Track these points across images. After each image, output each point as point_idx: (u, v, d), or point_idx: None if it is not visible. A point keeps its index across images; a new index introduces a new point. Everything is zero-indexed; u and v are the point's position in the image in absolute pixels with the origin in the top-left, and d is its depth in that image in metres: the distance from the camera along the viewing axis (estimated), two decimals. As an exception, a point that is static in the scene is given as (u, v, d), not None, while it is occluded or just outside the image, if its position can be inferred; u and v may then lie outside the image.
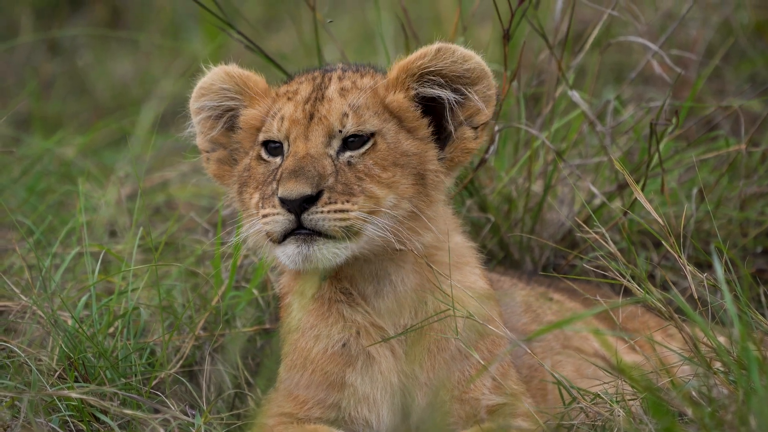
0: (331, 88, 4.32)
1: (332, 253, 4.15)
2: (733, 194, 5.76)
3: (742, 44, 7.76)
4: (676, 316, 4.32)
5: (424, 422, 4.27)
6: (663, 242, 4.57)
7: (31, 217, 5.96)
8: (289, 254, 4.16)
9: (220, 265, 5.12)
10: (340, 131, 4.24)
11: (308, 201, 4.12)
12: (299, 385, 4.33)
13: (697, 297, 4.40)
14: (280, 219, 4.15)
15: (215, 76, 4.47)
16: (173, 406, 4.60)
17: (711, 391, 4.01)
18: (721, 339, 4.24)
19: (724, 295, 3.96)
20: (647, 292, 4.35)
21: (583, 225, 4.98)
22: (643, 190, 5.09)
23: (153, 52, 10.04)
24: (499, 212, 5.62)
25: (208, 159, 4.54)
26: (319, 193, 4.13)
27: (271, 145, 4.33)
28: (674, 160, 5.83)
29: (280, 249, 4.18)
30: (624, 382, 4.34)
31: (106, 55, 10.13)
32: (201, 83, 4.48)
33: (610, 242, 4.50)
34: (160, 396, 4.70)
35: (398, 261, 4.31)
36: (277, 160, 4.29)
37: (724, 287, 3.99)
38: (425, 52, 4.31)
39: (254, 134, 4.39)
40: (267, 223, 4.18)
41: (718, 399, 3.95)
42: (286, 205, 4.13)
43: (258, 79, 4.45)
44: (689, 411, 3.92)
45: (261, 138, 4.35)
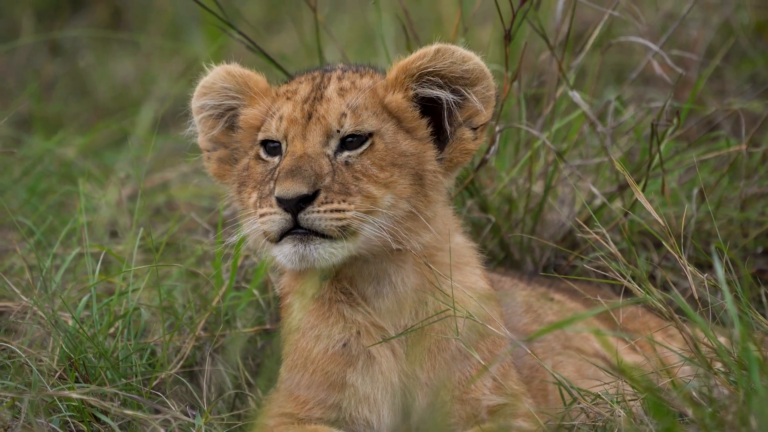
0: (330, 88, 4.32)
1: (329, 252, 4.15)
2: (733, 195, 5.76)
3: (742, 45, 7.76)
4: (677, 316, 4.31)
5: (424, 422, 4.27)
6: (663, 243, 4.57)
7: (32, 218, 5.96)
8: (286, 253, 4.16)
9: (221, 266, 5.12)
10: (338, 131, 4.24)
11: (305, 200, 4.12)
12: (300, 385, 4.33)
13: (697, 297, 4.40)
14: (277, 218, 4.15)
15: (217, 75, 4.47)
16: (174, 407, 4.60)
17: (711, 392, 4.00)
18: (722, 339, 4.24)
19: (724, 296, 3.96)
20: (648, 293, 4.35)
21: (584, 225, 4.98)
22: (644, 191, 5.09)
23: (154, 53, 10.04)
24: (499, 213, 5.62)
25: (209, 158, 4.54)
26: (316, 193, 4.13)
27: (270, 144, 4.33)
28: (675, 161, 5.83)
29: (277, 248, 4.18)
30: (625, 383, 4.34)
31: (107, 56, 10.13)
32: (203, 82, 4.49)
33: (611, 243, 4.50)
34: (160, 396, 4.70)
35: (398, 261, 4.31)
36: (276, 159, 4.29)
37: (725, 288, 3.99)
38: (424, 53, 4.31)
39: (254, 134, 4.39)
40: (264, 223, 4.18)
41: (719, 399, 3.95)
42: (283, 204, 4.13)
43: (259, 79, 4.45)
44: (690, 411, 3.92)
45: (260, 137, 4.35)
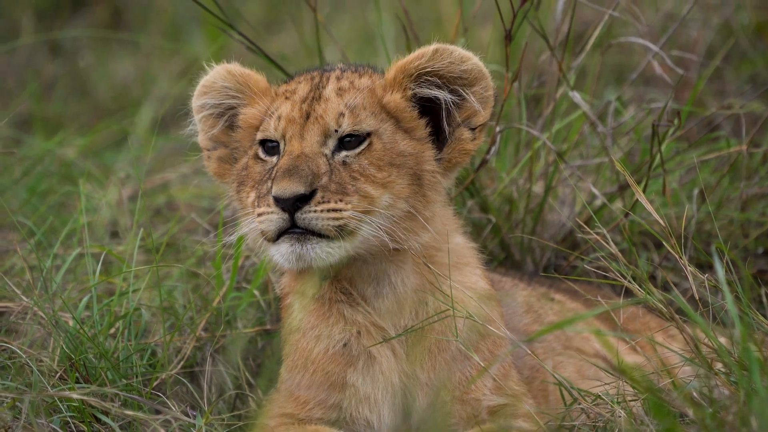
0: (329, 87, 4.32)
1: (325, 252, 4.15)
2: (734, 195, 5.76)
3: (742, 45, 7.76)
4: (677, 316, 4.31)
5: (425, 423, 4.27)
6: (664, 243, 4.57)
7: (32, 218, 5.96)
8: (283, 253, 4.16)
9: (221, 266, 5.12)
10: (336, 131, 4.24)
11: (302, 200, 4.12)
12: (300, 385, 4.32)
13: (698, 298, 4.40)
14: (274, 218, 4.16)
15: (217, 74, 4.47)
16: (174, 407, 4.60)
17: (712, 392, 4.00)
18: (723, 340, 4.24)
19: (725, 296, 3.96)
20: (648, 293, 4.35)
21: (584, 226, 4.98)
22: (645, 191, 5.09)
23: (154, 53, 10.04)
24: (500, 213, 5.62)
25: (209, 157, 4.54)
26: (313, 192, 4.13)
27: (269, 144, 4.33)
28: (675, 161, 5.82)
29: (275, 248, 4.19)
30: (625, 383, 4.34)
31: (107, 56, 10.13)
32: (203, 81, 4.49)
33: (611, 243, 4.50)
34: (161, 397, 4.70)
35: (397, 262, 4.31)
36: (274, 159, 4.29)
37: (725, 288, 3.99)
38: (422, 53, 4.30)
39: (253, 133, 4.39)
40: (262, 222, 4.18)
41: (720, 400, 3.95)
42: (280, 203, 4.13)
43: (259, 78, 4.45)
44: (690, 412, 3.91)
45: (258, 137, 4.35)
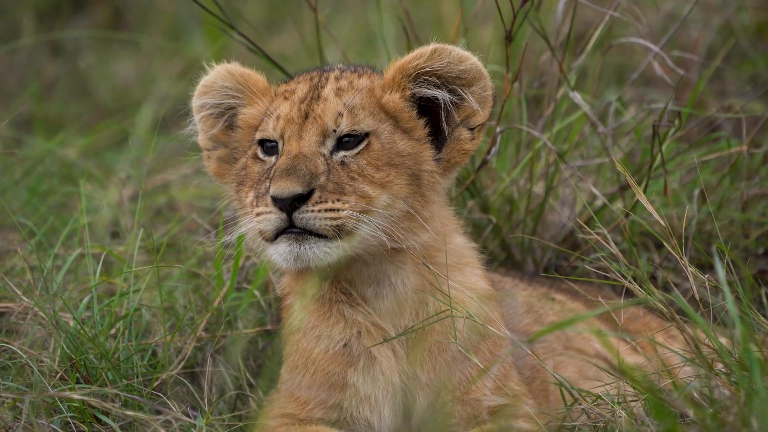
0: (328, 87, 4.32)
1: (323, 252, 4.15)
2: (734, 195, 5.76)
3: (743, 45, 7.76)
4: (678, 317, 4.31)
5: (425, 423, 4.27)
6: (665, 243, 4.57)
7: (33, 219, 5.96)
8: (281, 252, 4.17)
9: (222, 267, 5.12)
10: (335, 131, 4.24)
11: (300, 200, 4.12)
12: (301, 385, 4.32)
13: (698, 298, 4.40)
14: (272, 218, 4.16)
15: (217, 74, 4.47)
16: (175, 408, 4.60)
17: (713, 393, 4.00)
18: (723, 340, 4.23)
19: (725, 297, 3.96)
20: (649, 294, 4.35)
21: (585, 226, 4.98)
22: (645, 192, 5.09)
23: (154, 53, 10.04)
24: (500, 213, 5.62)
25: (209, 157, 4.54)
26: (311, 192, 4.14)
27: (267, 144, 4.33)
28: (676, 162, 5.82)
29: (273, 247, 4.19)
30: (626, 384, 4.34)
31: (108, 57, 10.13)
32: (203, 81, 4.49)
33: (612, 243, 4.50)
34: (161, 397, 4.70)
35: (397, 263, 4.31)
36: (272, 159, 4.29)
37: (726, 288, 3.98)
38: (421, 53, 4.30)
39: (252, 133, 4.39)
40: (260, 222, 4.18)
41: (720, 400, 3.94)
42: (278, 203, 4.13)
43: (258, 78, 4.46)
44: (691, 412, 3.91)
45: (257, 137, 4.35)
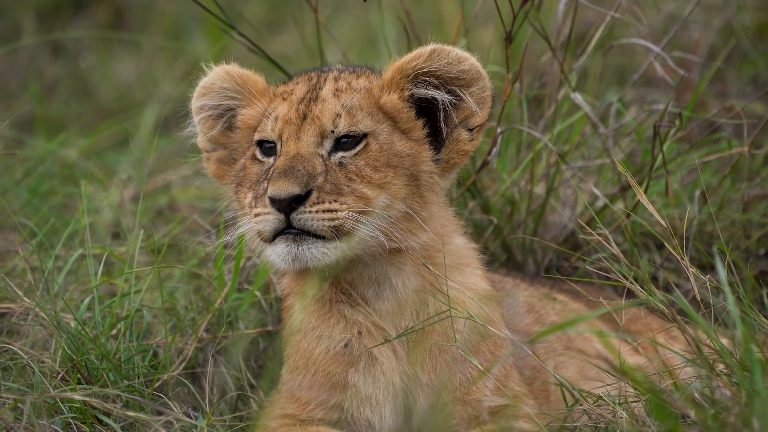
0: (326, 88, 4.32)
1: (321, 252, 4.15)
2: (735, 196, 5.76)
3: (744, 46, 7.76)
4: (679, 317, 4.31)
5: (426, 424, 4.27)
6: (666, 244, 4.57)
7: (34, 219, 5.96)
8: (279, 253, 4.17)
9: (223, 267, 5.12)
10: (333, 131, 4.24)
11: (297, 200, 4.13)
12: (302, 386, 4.32)
13: (699, 299, 4.40)
14: (270, 218, 4.16)
15: (216, 75, 4.47)
16: (176, 408, 4.60)
17: (714, 393, 4.00)
18: (724, 341, 4.23)
19: (726, 297, 3.96)
20: (650, 294, 4.35)
21: (586, 227, 4.98)
22: (646, 192, 5.09)
23: (155, 54, 10.05)
24: (501, 214, 5.62)
25: (208, 159, 4.54)
26: (309, 193, 4.14)
27: (266, 144, 4.33)
28: (677, 162, 5.82)
29: (271, 248, 4.19)
30: (627, 384, 4.34)
31: (109, 57, 10.13)
32: (202, 83, 4.49)
33: (613, 244, 4.50)
34: (162, 398, 4.70)
35: (398, 264, 4.31)
36: (271, 160, 4.30)
37: (727, 289, 3.98)
38: (419, 53, 4.30)
39: (251, 134, 4.39)
40: (258, 223, 4.19)
41: (721, 401, 3.94)
42: (276, 204, 4.14)
43: (257, 79, 4.46)
44: (692, 413, 3.91)
45: (256, 137, 4.35)
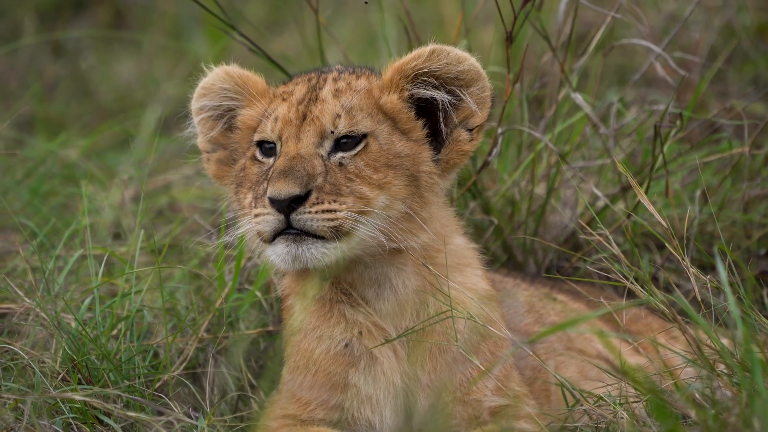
0: (326, 89, 4.32)
1: (321, 252, 4.15)
2: (736, 196, 5.76)
3: (744, 46, 7.76)
4: (680, 318, 4.31)
5: (426, 424, 4.27)
6: (666, 244, 4.57)
7: (35, 220, 5.96)
8: (279, 253, 4.17)
9: (224, 268, 5.12)
10: (332, 132, 4.24)
11: (297, 201, 4.13)
12: (302, 386, 4.32)
13: (700, 299, 4.39)
14: (270, 219, 4.16)
15: (216, 76, 4.47)
16: (176, 409, 4.60)
17: (714, 394, 4.00)
18: (725, 341, 4.23)
19: (727, 297, 3.96)
20: (651, 294, 4.35)
21: (587, 227, 4.98)
22: (647, 193, 5.09)
23: (156, 54, 10.05)
24: (502, 214, 5.62)
25: (209, 159, 4.55)
26: (308, 194, 4.14)
27: (266, 145, 4.33)
28: (677, 163, 5.82)
29: (271, 248, 4.19)
30: (627, 384, 4.34)
31: (110, 57, 10.13)
32: (202, 83, 4.49)
33: (614, 244, 4.50)
34: (163, 398, 4.70)
35: (398, 264, 4.31)
36: (270, 160, 4.30)
37: (728, 289, 3.98)
38: (419, 54, 4.31)
39: (251, 134, 4.39)
40: (258, 223, 4.19)
41: (722, 401, 3.94)
42: (275, 205, 4.14)
43: (257, 80, 4.46)
44: (693, 413, 3.91)
45: (256, 138, 4.35)
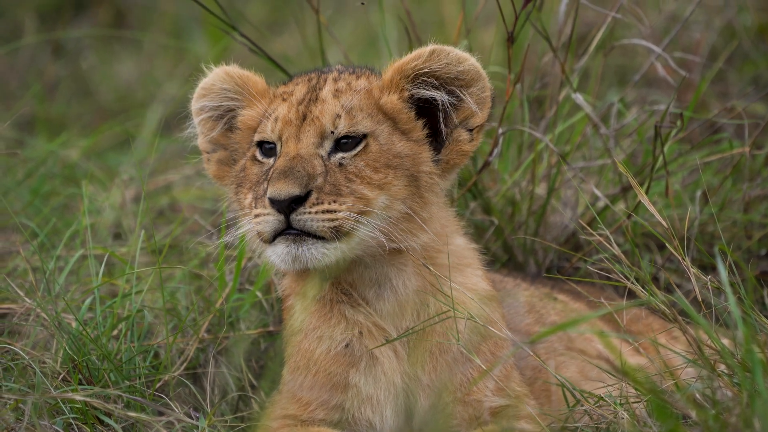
0: (326, 89, 4.32)
1: (321, 253, 4.15)
2: (737, 197, 5.75)
3: (745, 47, 7.76)
4: (680, 318, 4.31)
5: (427, 424, 4.27)
6: (667, 245, 4.57)
7: (35, 220, 5.96)
8: (279, 254, 4.17)
9: (224, 268, 5.12)
10: (333, 132, 4.24)
11: (297, 201, 4.13)
12: (303, 386, 4.32)
13: (701, 299, 4.40)
14: (270, 219, 4.16)
15: (216, 76, 4.47)
16: (177, 409, 4.60)
17: (715, 394, 4.00)
18: (725, 341, 4.23)
19: (728, 298, 3.96)
20: (651, 295, 4.35)
21: (587, 227, 4.98)
22: (647, 193, 5.09)
23: (156, 54, 10.05)
24: (502, 215, 5.62)
25: (209, 160, 4.55)
26: (308, 194, 4.14)
27: (266, 145, 4.33)
28: (678, 163, 5.82)
29: (271, 249, 4.19)
30: (628, 385, 4.34)
31: (110, 57, 10.13)
32: (202, 84, 4.49)
33: (614, 244, 4.50)
34: (164, 398, 4.70)
35: (398, 265, 4.31)
36: (271, 160, 4.30)
37: (728, 289, 3.98)
38: (419, 54, 4.30)
39: (251, 135, 4.39)
40: (258, 223, 4.19)
41: (722, 402, 3.94)
42: (275, 205, 4.14)
43: (257, 80, 4.46)
44: (693, 413, 3.91)
45: (256, 138, 4.35)
